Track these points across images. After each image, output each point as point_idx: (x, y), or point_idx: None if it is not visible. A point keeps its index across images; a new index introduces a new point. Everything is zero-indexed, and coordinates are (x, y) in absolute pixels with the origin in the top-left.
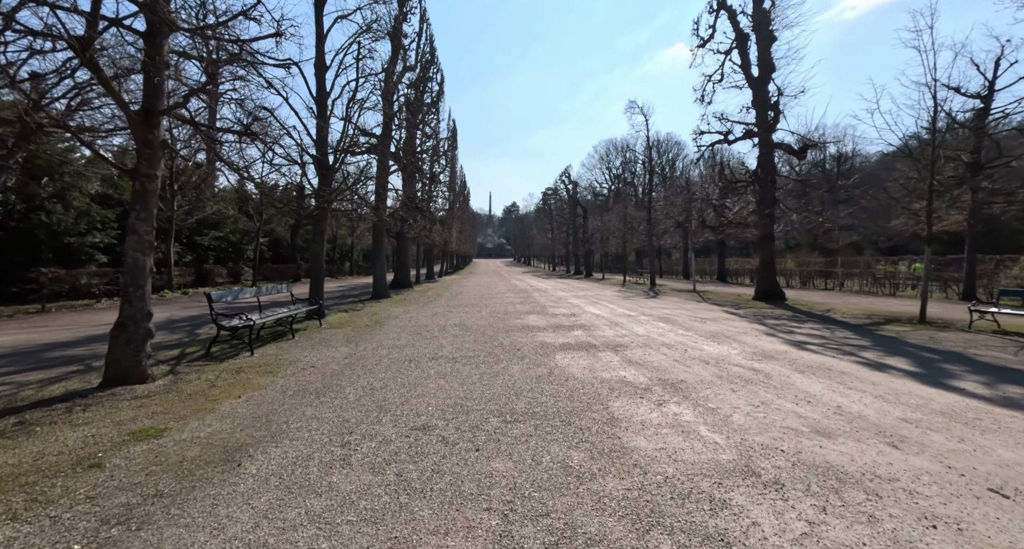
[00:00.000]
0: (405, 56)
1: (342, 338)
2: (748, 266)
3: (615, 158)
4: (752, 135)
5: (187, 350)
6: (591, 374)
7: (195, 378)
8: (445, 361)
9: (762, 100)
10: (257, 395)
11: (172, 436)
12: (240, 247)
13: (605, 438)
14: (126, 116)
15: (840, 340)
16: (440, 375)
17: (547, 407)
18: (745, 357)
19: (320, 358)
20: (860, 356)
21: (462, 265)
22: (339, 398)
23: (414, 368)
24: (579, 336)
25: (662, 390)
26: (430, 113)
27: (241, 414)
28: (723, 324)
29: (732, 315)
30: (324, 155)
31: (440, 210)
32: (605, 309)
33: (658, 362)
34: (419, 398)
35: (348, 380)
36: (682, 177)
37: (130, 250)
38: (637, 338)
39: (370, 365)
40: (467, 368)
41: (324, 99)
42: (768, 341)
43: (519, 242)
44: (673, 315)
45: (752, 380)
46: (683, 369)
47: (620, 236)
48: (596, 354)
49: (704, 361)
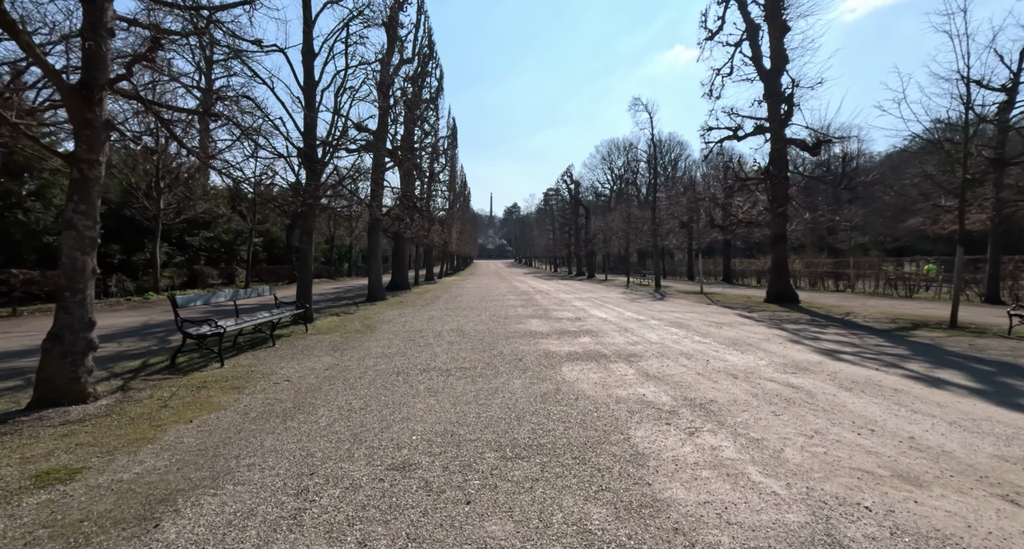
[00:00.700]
0: (402, 48)
1: (327, 345)
2: (754, 267)
3: (617, 158)
4: (763, 130)
5: (151, 361)
6: (604, 391)
7: (147, 396)
8: (438, 374)
9: (775, 93)
10: (213, 418)
11: (87, 479)
12: (233, 247)
13: (631, 484)
14: (59, 90)
15: (874, 348)
16: (430, 392)
17: (555, 437)
18: (776, 369)
19: (298, 370)
20: (905, 368)
21: (462, 266)
22: (309, 423)
23: (402, 383)
24: (587, 344)
25: (691, 413)
26: (429, 109)
27: (186, 445)
28: (740, 329)
29: (747, 319)
30: (312, 148)
31: (440, 210)
32: (612, 313)
33: (679, 376)
34: (403, 423)
35: (324, 398)
36: (684, 177)
37: (67, 248)
38: (651, 346)
39: (352, 379)
40: (462, 383)
41: (312, 88)
42: (796, 350)
43: (520, 243)
44: (685, 319)
45: (793, 400)
46: (709, 385)
47: (623, 236)
48: (607, 366)
49: (731, 374)
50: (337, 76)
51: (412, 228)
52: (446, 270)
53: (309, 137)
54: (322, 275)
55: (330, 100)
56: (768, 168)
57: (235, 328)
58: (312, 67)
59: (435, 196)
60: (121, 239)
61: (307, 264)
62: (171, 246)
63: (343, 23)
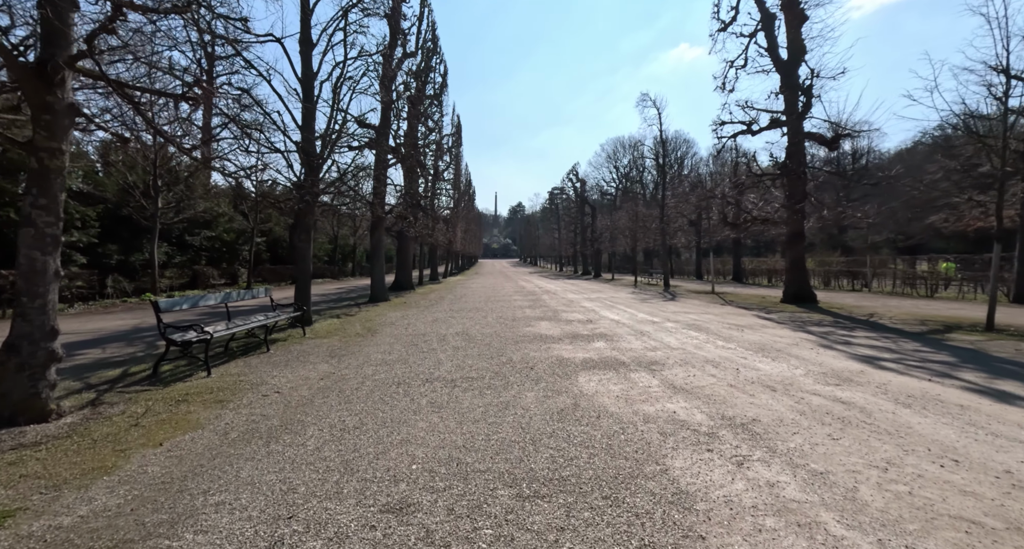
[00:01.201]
0: (404, 41)
1: (325, 351)
2: (764, 266)
3: (623, 156)
4: (779, 124)
5: (132, 369)
6: (629, 407)
7: (118, 412)
8: (442, 385)
9: (792, 85)
10: (187, 440)
11: (18, 526)
12: (235, 247)
13: (680, 538)
14: (9, 68)
15: (915, 354)
16: (433, 407)
17: (579, 467)
18: (817, 380)
19: (290, 380)
20: (961, 379)
21: (467, 266)
22: (295, 446)
23: (402, 396)
24: (602, 349)
25: (733, 436)
26: (432, 105)
27: (149, 477)
28: (764, 333)
29: (767, 321)
30: (310, 142)
31: (444, 209)
32: (624, 314)
33: (709, 388)
34: (401, 447)
35: (316, 414)
36: (691, 175)
37: (24, 247)
38: (672, 352)
39: (348, 390)
40: (468, 396)
41: (310, 80)
42: (830, 356)
43: (525, 242)
44: (702, 321)
45: (848, 419)
46: (747, 400)
47: (630, 235)
48: (628, 375)
49: (768, 386)
50: (336, 68)
51: (416, 227)
52: (451, 270)
53: (307, 131)
54: (325, 275)
55: (329, 93)
56: (785, 163)
57: (225, 333)
58: (310, 57)
59: (439, 194)
60: (119, 239)
61: (305, 264)
62: (171, 246)
63: (342, 11)
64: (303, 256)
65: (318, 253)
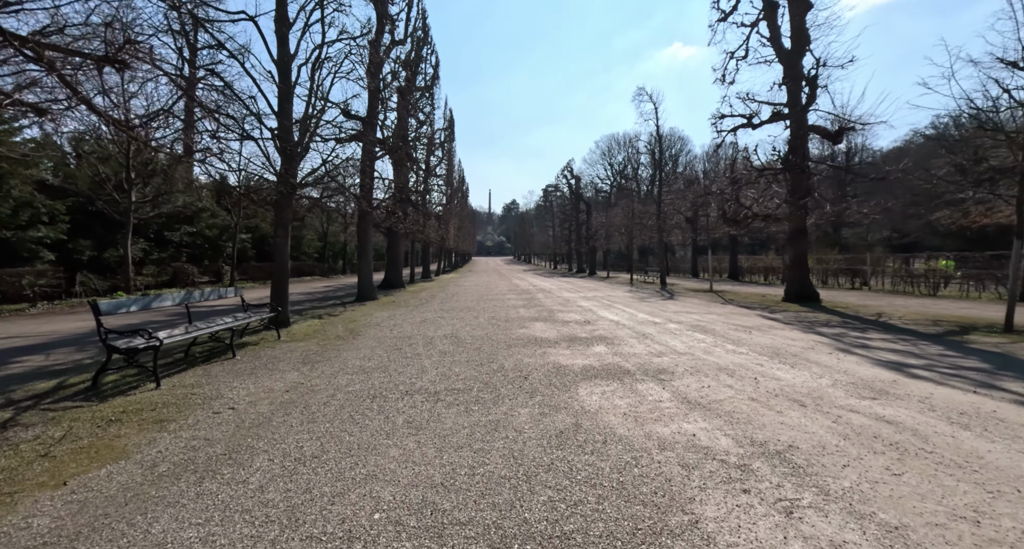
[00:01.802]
0: (393, 27)
1: (298, 357)
2: (761, 264)
3: (617, 153)
4: (782, 117)
5: (71, 380)
6: (640, 428)
7: (30, 438)
8: (423, 399)
9: (796, 76)
10: (102, 476)
11: None
12: (219, 244)
13: None
14: None
15: (943, 360)
16: (410, 428)
17: (585, 516)
18: (848, 392)
19: (251, 392)
20: (1008, 390)
21: (461, 263)
22: (234, 484)
23: (375, 413)
24: (603, 355)
25: (770, 469)
26: (423, 97)
27: (31, 534)
28: (774, 335)
29: (773, 321)
30: (286, 129)
31: (437, 205)
32: (623, 314)
33: (729, 403)
34: (365, 485)
35: (270, 438)
36: (685, 172)
37: None
38: (680, 358)
39: (315, 406)
40: (452, 413)
41: (287, 62)
42: (852, 362)
43: (519, 240)
44: (706, 322)
45: (902, 445)
46: (775, 418)
47: (626, 232)
48: (634, 386)
49: (795, 400)
50: (316, 50)
51: (406, 223)
52: (444, 267)
53: (284, 117)
54: (314, 273)
55: (308, 77)
56: (788, 157)
57: (182, 338)
58: (287, 38)
59: (432, 190)
60: (92, 235)
61: (283, 261)
62: (149, 243)
63: None
64: (280, 252)
65: (307, 250)
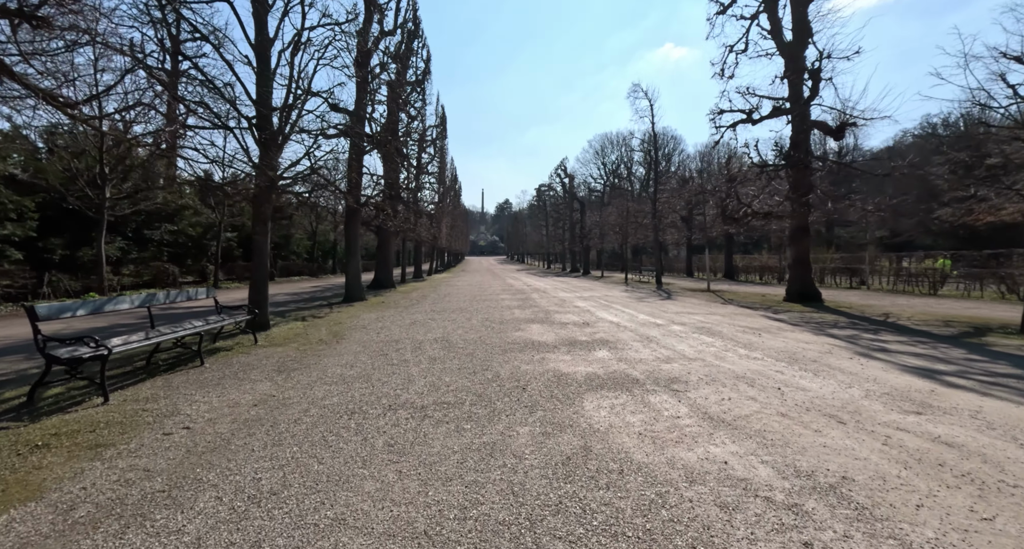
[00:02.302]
0: (382, 17)
1: (274, 364)
2: (756, 263)
3: (610, 153)
4: (783, 112)
5: (6, 394)
6: (660, 453)
7: None
8: (408, 415)
9: (798, 69)
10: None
11: None
12: (202, 243)
13: None
14: None
15: (972, 365)
16: (391, 453)
17: None
18: (886, 404)
19: (213, 407)
20: None
21: (454, 263)
22: (164, 535)
23: (352, 433)
24: (607, 361)
25: (828, 511)
26: (414, 92)
27: None
28: (784, 338)
29: (780, 323)
30: (265, 118)
31: (429, 203)
32: (623, 315)
33: (757, 419)
34: (330, 535)
35: (224, 467)
36: (679, 171)
37: None
38: (691, 365)
39: (284, 424)
40: (441, 433)
41: (266, 47)
42: (878, 369)
43: (512, 239)
44: (711, 323)
45: (978, 477)
46: (814, 439)
47: (620, 231)
48: (646, 399)
49: (830, 415)
50: (297, 34)
51: (396, 221)
52: (436, 267)
53: (262, 106)
54: (303, 272)
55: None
56: (789, 152)
57: (141, 345)
58: (265, 20)
59: (424, 188)
60: (64, 232)
61: (261, 259)
62: (127, 241)
63: None
64: (259, 251)
65: (296, 249)
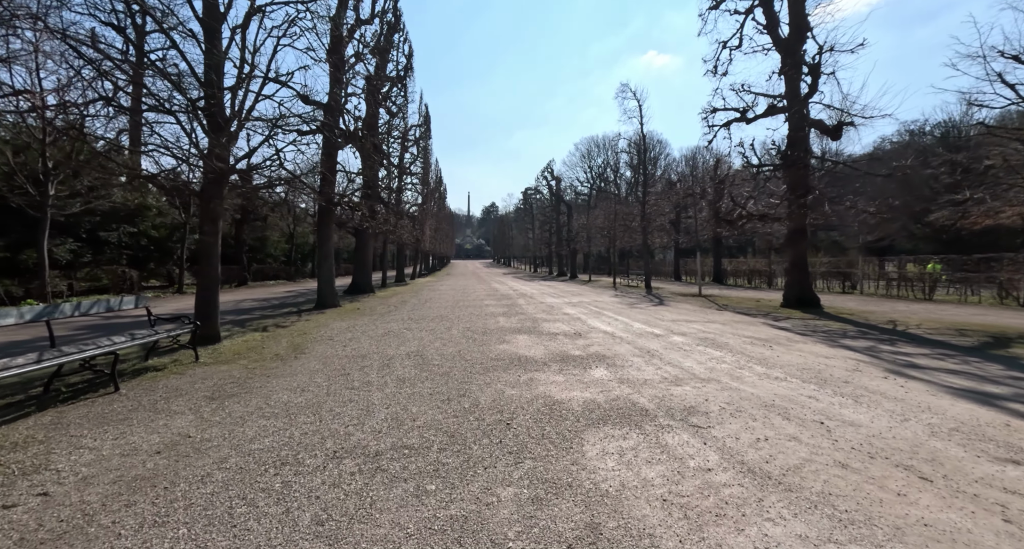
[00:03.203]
0: (358, 3)
1: (208, 388)
2: (744, 266)
3: (597, 156)
4: (778, 110)
5: None
6: (698, 538)
7: None
8: (355, 466)
9: (796, 64)
10: None
11: None
12: (168, 245)
13: None
14: None
15: (1021, 385)
16: (317, 540)
17: None
18: (970, 450)
19: (99, 457)
20: None
21: (439, 266)
22: None
23: (271, 502)
24: (606, 381)
25: None
26: (395, 88)
27: None
28: (800, 351)
29: (787, 332)
30: (216, 101)
31: (411, 205)
32: (617, 324)
33: (810, 471)
34: None
35: None
36: (665, 175)
37: None
38: (705, 387)
39: (184, 485)
40: (394, 497)
41: (217, 21)
42: (922, 391)
43: (498, 243)
44: (712, 333)
45: None
46: (901, 509)
47: (607, 234)
48: (661, 438)
49: (906, 468)
50: (253, 10)
51: (375, 222)
52: (420, 270)
53: (211, 87)
54: (280, 276)
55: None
56: (786, 152)
57: (31, 370)
58: None
59: (406, 189)
60: (7, 234)
61: (209, 263)
62: (80, 243)
63: None
64: (207, 253)
65: (273, 252)
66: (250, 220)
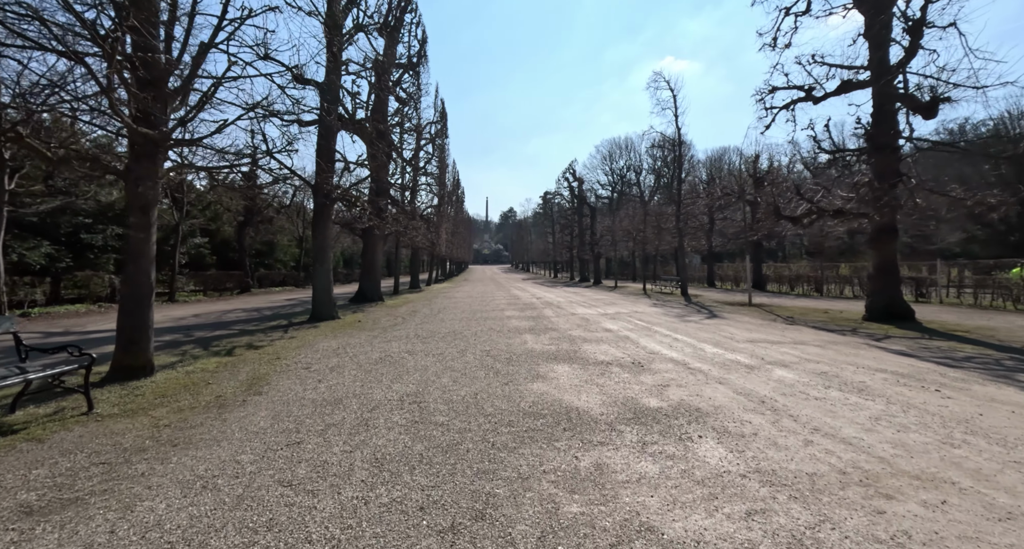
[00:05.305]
0: None
1: (47, 484)
2: (786, 272)
3: (619, 158)
4: (853, 87)
5: None
6: None
7: None
8: None
9: (885, 24)
10: None
11: None
12: (162, 249)
13: None
14: None
15: None
16: None
17: None
18: None
19: None
20: None
21: (456, 272)
22: None
23: None
24: (736, 480)
25: None
26: (407, 74)
27: None
28: (988, 400)
29: (916, 359)
30: (151, 46)
31: (426, 206)
32: (681, 347)
33: None
34: None
35: None
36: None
37: None
38: (929, 510)
39: None
40: None
41: None
42: None
43: (517, 248)
44: (823, 364)
45: None
46: None
47: (635, 237)
48: None
49: None
50: None
51: (384, 221)
52: (437, 276)
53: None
54: (287, 283)
55: None
56: (870, 133)
57: None
58: None
59: (421, 189)
60: None
61: (138, 268)
62: (57, 246)
63: None
64: (136, 253)
65: (282, 257)
66: (254, 222)
